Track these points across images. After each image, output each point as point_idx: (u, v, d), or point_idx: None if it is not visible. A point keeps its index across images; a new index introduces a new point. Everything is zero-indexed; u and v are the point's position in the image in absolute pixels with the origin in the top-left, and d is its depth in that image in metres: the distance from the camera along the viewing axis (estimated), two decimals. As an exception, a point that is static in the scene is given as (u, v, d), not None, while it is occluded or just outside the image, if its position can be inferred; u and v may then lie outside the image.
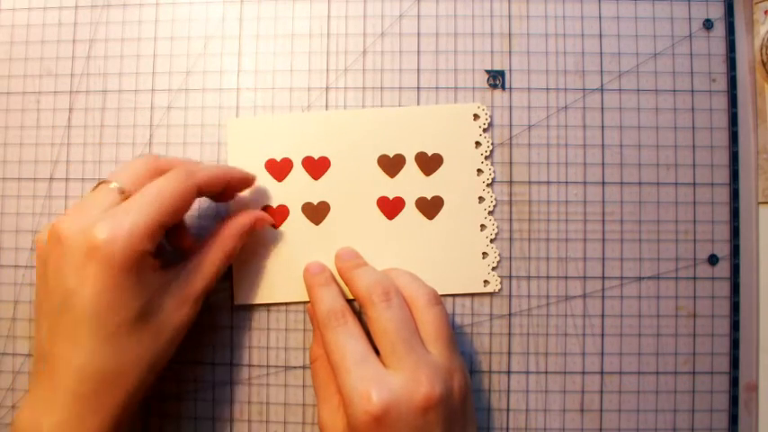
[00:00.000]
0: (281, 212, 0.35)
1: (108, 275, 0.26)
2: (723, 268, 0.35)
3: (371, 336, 0.30)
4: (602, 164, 0.35)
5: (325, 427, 0.30)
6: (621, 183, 0.35)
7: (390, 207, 0.35)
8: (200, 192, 0.30)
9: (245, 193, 0.35)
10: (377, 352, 0.30)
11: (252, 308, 0.35)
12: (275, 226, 0.35)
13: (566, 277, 0.35)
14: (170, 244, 0.32)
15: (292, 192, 0.35)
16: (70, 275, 0.26)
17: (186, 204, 0.29)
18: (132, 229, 0.26)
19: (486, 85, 0.36)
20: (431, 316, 0.30)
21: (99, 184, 0.29)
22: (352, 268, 0.33)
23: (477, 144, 0.35)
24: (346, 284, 0.33)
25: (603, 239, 0.35)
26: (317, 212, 0.35)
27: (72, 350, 0.26)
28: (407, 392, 0.28)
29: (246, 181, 0.33)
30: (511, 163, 0.35)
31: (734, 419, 0.34)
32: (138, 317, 0.27)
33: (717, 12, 0.36)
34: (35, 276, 0.29)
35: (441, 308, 0.31)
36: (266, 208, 0.35)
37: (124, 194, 0.28)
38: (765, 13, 0.35)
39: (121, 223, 0.26)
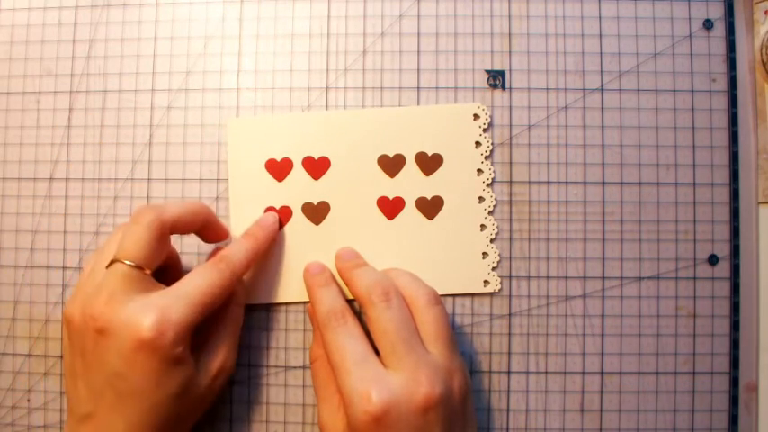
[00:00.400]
0: (284, 213, 0.35)
1: (155, 365, 0.27)
2: (723, 268, 0.35)
3: (371, 336, 0.30)
4: (602, 164, 0.35)
5: (325, 427, 0.30)
6: (621, 183, 0.35)
7: (390, 207, 0.35)
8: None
9: (246, 194, 0.35)
10: (377, 352, 0.30)
11: (252, 308, 0.35)
12: (279, 227, 0.35)
13: (566, 277, 0.35)
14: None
15: (292, 192, 0.35)
16: (117, 362, 0.27)
17: (227, 296, 0.30)
18: (178, 327, 0.27)
19: (486, 85, 0.36)
20: (431, 316, 0.30)
21: (112, 262, 0.29)
22: (352, 268, 0.33)
23: (477, 144, 0.35)
24: (346, 284, 0.33)
25: (603, 239, 0.35)
26: (317, 212, 0.35)
27: (118, 417, 0.28)
28: (407, 392, 0.28)
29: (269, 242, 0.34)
30: (511, 163, 0.35)
31: (734, 419, 0.34)
32: (179, 393, 0.28)
33: (717, 12, 0.36)
34: (62, 344, 0.31)
35: (440, 308, 0.31)
36: (269, 209, 0.35)
37: (143, 269, 0.29)
38: (765, 13, 0.35)
39: (168, 319, 0.27)
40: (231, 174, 0.35)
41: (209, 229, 0.33)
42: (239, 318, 0.33)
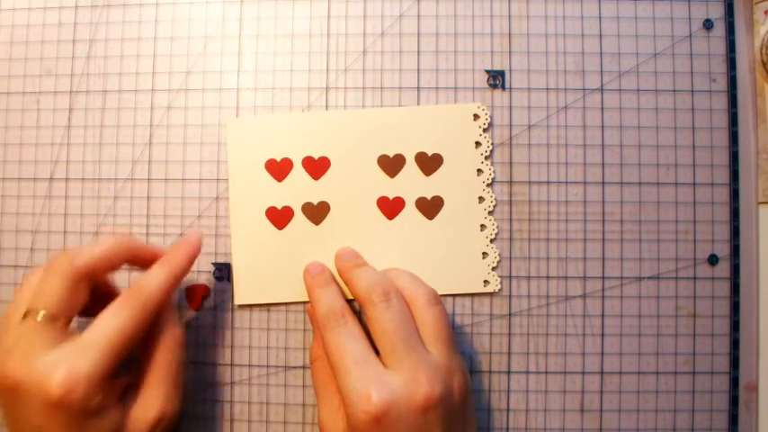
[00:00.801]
0: (286, 214, 0.35)
1: (72, 421, 0.26)
2: (723, 268, 0.35)
3: (371, 336, 0.30)
4: (602, 164, 0.35)
5: (325, 427, 0.30)
6: (621, 183, 0.35)
7: (390, 207, 0.35)
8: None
9: (246, 194, 0.35)
10: (377, 352, 0.30)
11: (252, 308, 0.35)
12: (279, 227, 0.35)
13: (566, 277, 0.35)
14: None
15: (292, 192, 0.35)
16: (35, 419, 0.26)
17: (142, 332, 0.28)
18: (89, 380, 0.26)
19: (486, 85, 0.36)
20: (431, 316, 0.30)
21: (26, 314, 0.27)
22: (352, 268, 0.33)
23: (477, 144, 0.35)
24: (346, 284, 0.33)
25: (603, 239, 0.35)
26: (317, 212, 0.35)
27: None
28: (407, 392, 0.28)
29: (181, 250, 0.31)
30: (511, 163, 0.35)
31: (734, 419, 0.34)
32: None
33: (717, 12, 0.36)
34: None
35: (440, 308, 0.31)
36: (270, 209, 0.35)
37: (57, 321, 0.27)
38: (765, 13, 0.35)
39: (77, 372, 0.26)
40: (231, 174, 0.35)
41: (141, 260, 0.31)
42: (175, 350, 0.30)
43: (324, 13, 0.36)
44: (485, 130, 0.35)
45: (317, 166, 0.35)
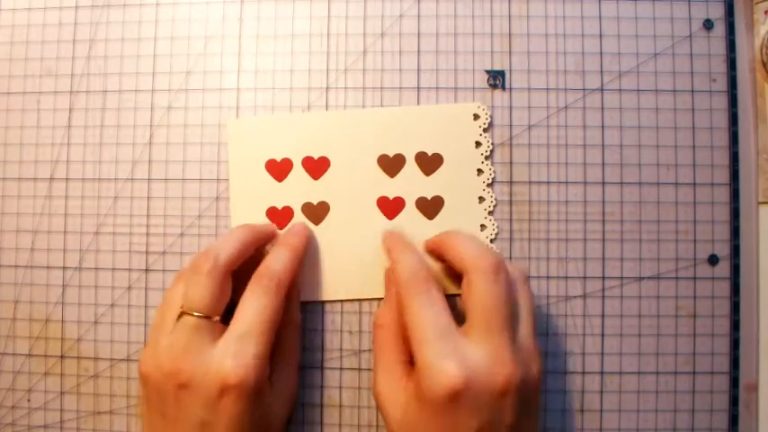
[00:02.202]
0: (286, 214, 0.35)
1: (242, 406, 0.28)
2: (723, 268, 0.35)
3: (461, 303, 0.29)
4: (603, 164, 0.35)
5: (381, 395, 0.30)
6: (621, 183, 0.35)
7: (391, 207, 0.35)
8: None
9: (246, 194, 0.35)
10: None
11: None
12: (280, 228, 0.35)
13: (566, 277, 0.35)
14: None
15: (293, 192, 0.35)
16: (202, 413, 0.28)
17: (281, 313, 0.30)
18: (257, 363, 0.28)
19: (487, 85, 0.36)
20: (523, 297, 0.30)
21: (181, 314, 0.29)
22: (457, 235, 0.32)
23: (478, 144, 0.35)
24: (446, 249, 0.31)
25: (603, 239, 0.35)
26: (317, 212, 0.35)
27: None
28: (489, 372, 0.27)
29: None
30: (511, 163, 0.35)
31: (734, 420, 0.34)
32: (266, 426, 0.30)
33: (717, 12, 0.36)
34: (142, 407, 0.30)
35: (530, 290, 0.30)
36: (270, 209, 0.35)
37: (211, 317, 0.29)
38: (765, 13, 0.35)
39: (246, 359, 0.28)
40: (231, 174, 0.35)
41: (263, 243, 0.33)
42: (298, 334, 0.33)
43: (324, 13, 0.36)
44: (485, 130, 0.35)
45: (316, 167, 0.35)
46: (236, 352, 0.28)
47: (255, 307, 0.29)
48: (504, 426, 0.27)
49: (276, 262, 0.31)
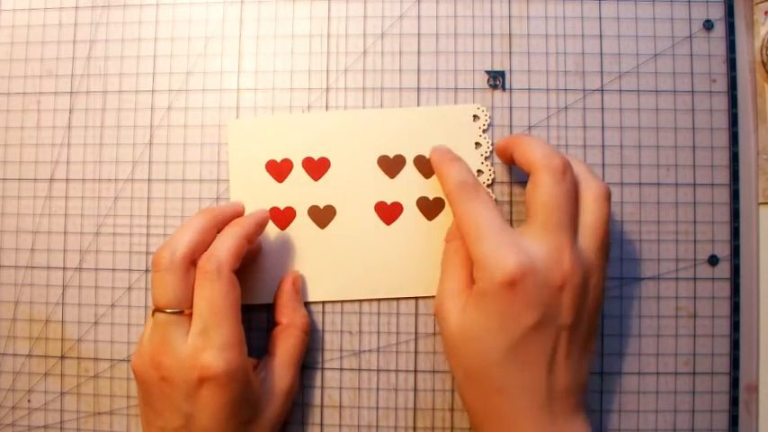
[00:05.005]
0: (288, 214, 0.35)
1: (220, 394, 0.28)
2: (723, 269, 0.35)
3: (526, 203, 0.29)
4: (603, 164, 0.35)
5: (443, 307, 0.30)
6: (621, 183, 0.35)
7: (391, 209, 0.35)
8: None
9: (247, 194, 0.35)
10: None
11: (252, 308, 0.35)
12: (281, 228, 0.35)
13: (566, 278, 0.35)
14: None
15: (293, 192, 0.35)
16: (184, 403, 0.28)
17: (235, 294, 0.30)
18: (226, 352, 0.28)
19: (487, 86, 0.36)
20: (598, 211, 0.29)
21: (154, 312, 0.29)
22: (523, 136, 0.31)
23: (477, 145, 0.35)
24: (516, 150, 0.31)
25: (604, 240, 0.35)
26: (323, 216, 0.35)
27: None
28: (547, 266, 0.27)
29: (258, 223, 0.33)
30: (511, 163, 0.35)
31: (734, 420, 0.34)
32: (249, 420, 0.30)
33: (717, 12, 0.36)
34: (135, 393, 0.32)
35: (609, 208, 0.29)
36: (273, 209, 0.35)
37: (182, 311, 0.29)
38: (765, 13, 0.35)
39: (213, 352, 0.28)
40: (231, 174, 0.35)
41: (225, 224, 0.32)
42: (302, 337, 0.33)
43: (324, 13, 0.36)
44: (485, 131, 0.35)
45: (316, 167, 0.35)
46: (203, 347, 0.28)
47: (205, 299, 0.29)
48: (560, 326, 0.27)
49: (217, 247, 0.30)
